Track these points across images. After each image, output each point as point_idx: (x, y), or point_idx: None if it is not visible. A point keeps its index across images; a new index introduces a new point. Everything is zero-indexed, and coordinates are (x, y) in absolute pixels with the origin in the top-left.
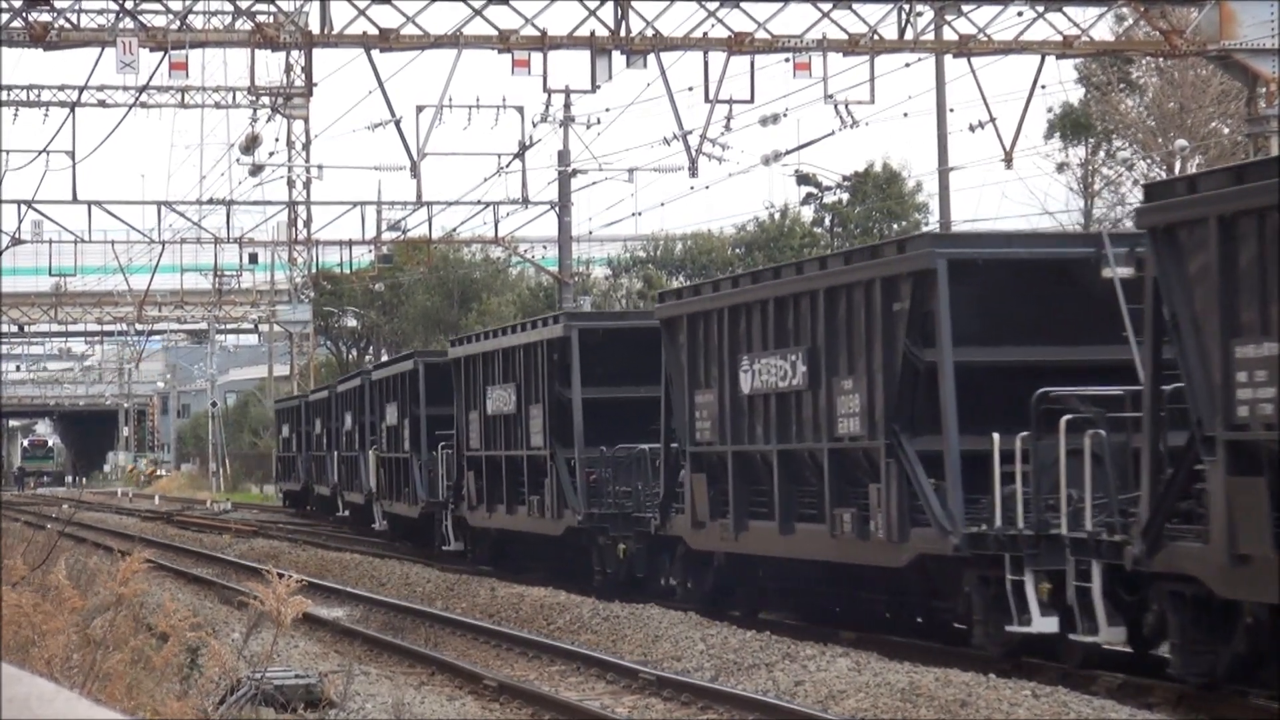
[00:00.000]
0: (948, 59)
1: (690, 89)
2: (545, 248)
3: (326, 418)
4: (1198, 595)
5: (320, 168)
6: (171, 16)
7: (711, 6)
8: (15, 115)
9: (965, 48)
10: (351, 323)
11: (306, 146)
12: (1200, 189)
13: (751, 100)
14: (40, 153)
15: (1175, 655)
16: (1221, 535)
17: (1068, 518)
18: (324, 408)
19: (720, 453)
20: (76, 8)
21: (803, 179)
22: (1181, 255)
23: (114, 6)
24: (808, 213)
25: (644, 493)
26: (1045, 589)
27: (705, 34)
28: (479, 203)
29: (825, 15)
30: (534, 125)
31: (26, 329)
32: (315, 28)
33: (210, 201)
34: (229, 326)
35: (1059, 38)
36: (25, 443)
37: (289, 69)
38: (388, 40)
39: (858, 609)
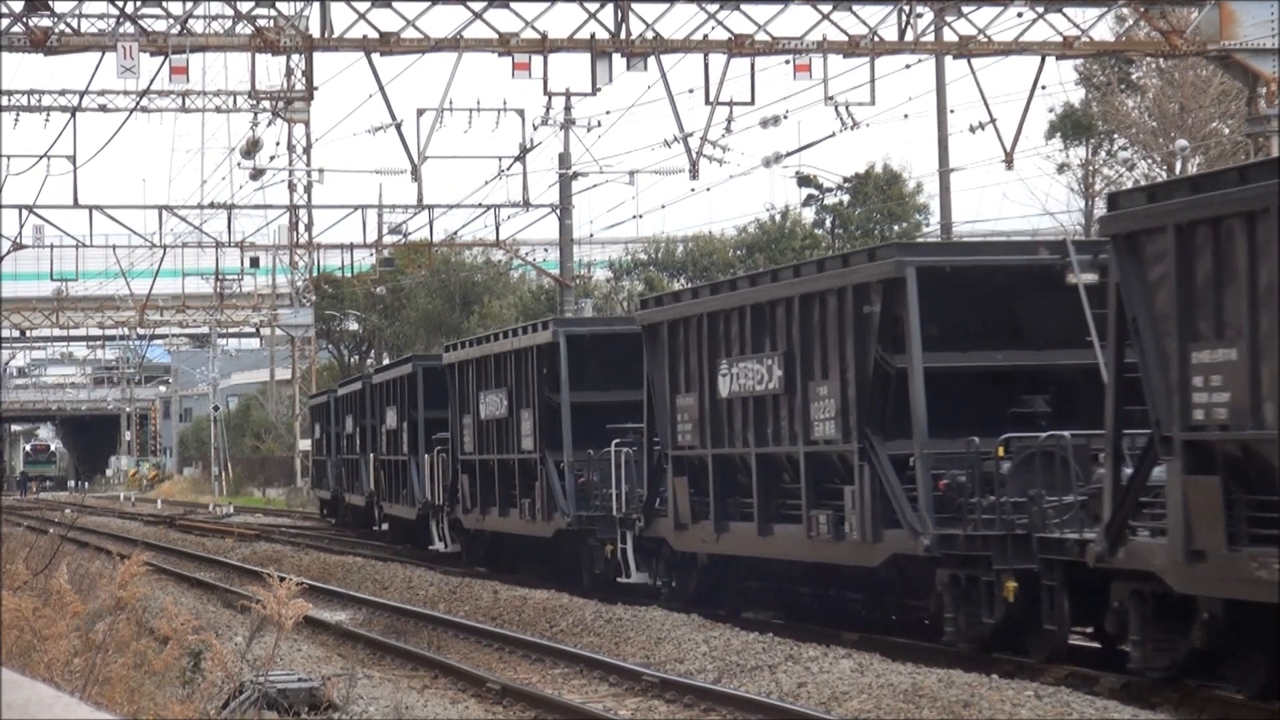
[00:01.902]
0: (948, 60)
1: (691, 91)
2: (546, 250)
3: (360, 414)
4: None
5: (321, 171)
6: (172, 21)
7: (711, 9)
8: (16, 120)
9: (965, 49)
10: (353, 326)
11: (307, 150)
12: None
13: (752, 102)
14: (41, 157)
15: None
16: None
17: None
18: (356, 402)
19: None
20: (77, 13)
21: (803, 180)
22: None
23: (114, 11)
24: (809, 214)
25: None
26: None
27: (705, 36)
28: (480, 206)
29: (825, 17)
30: (535, 128)
31: (28, 333)
32: (315, 31)
33: (211, 206)
34: (230, 330)
35: (1059, 38)
36: (27, 448)
37: (289, 73)
38: (388, 44)
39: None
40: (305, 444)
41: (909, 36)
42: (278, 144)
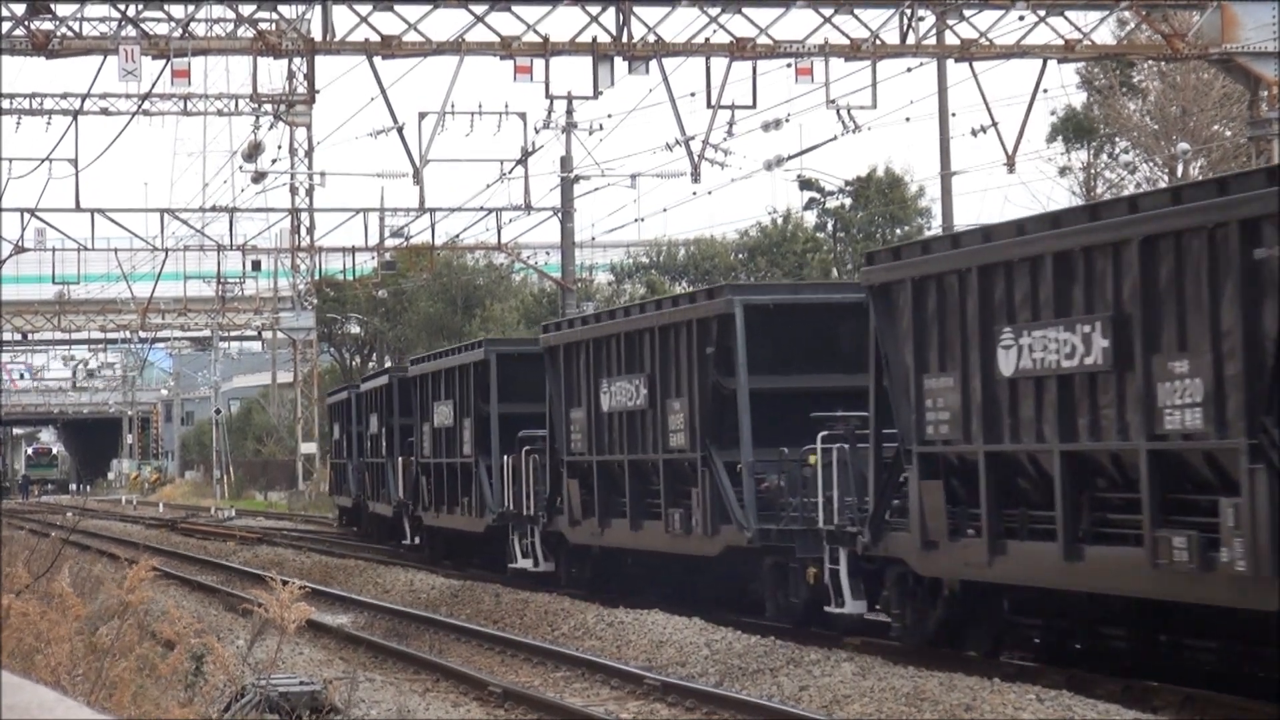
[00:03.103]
0: (950, 63)
1: (692, 94)
2: (548, 254)
3: (388, 411)
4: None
5: (323, 174)
6: (174, 24)
7: (713, 12)
8: (18, 123)
9: (967, 52)
10: (355, 329)
11: (309, 153)
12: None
13: (753, 105)
14: (43, 161)
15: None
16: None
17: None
18: (382, 399)
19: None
20: (79, 16)
21: (805, 184)
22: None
23: (116, 14)
24: (810, 218)
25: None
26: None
27: (707, 40)
28: (482, 209)
29: (827, 20)
30: (536, 131)
31: (30, 337)
32: (317, 35)
33: (213, 209)
34: (232, 334)
35: (1061, 42)
36: (29, 451)
37: (291, 76)
38: (390, 47)
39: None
40: (307, 447)
41: (911, 40)
42: (279, 147)
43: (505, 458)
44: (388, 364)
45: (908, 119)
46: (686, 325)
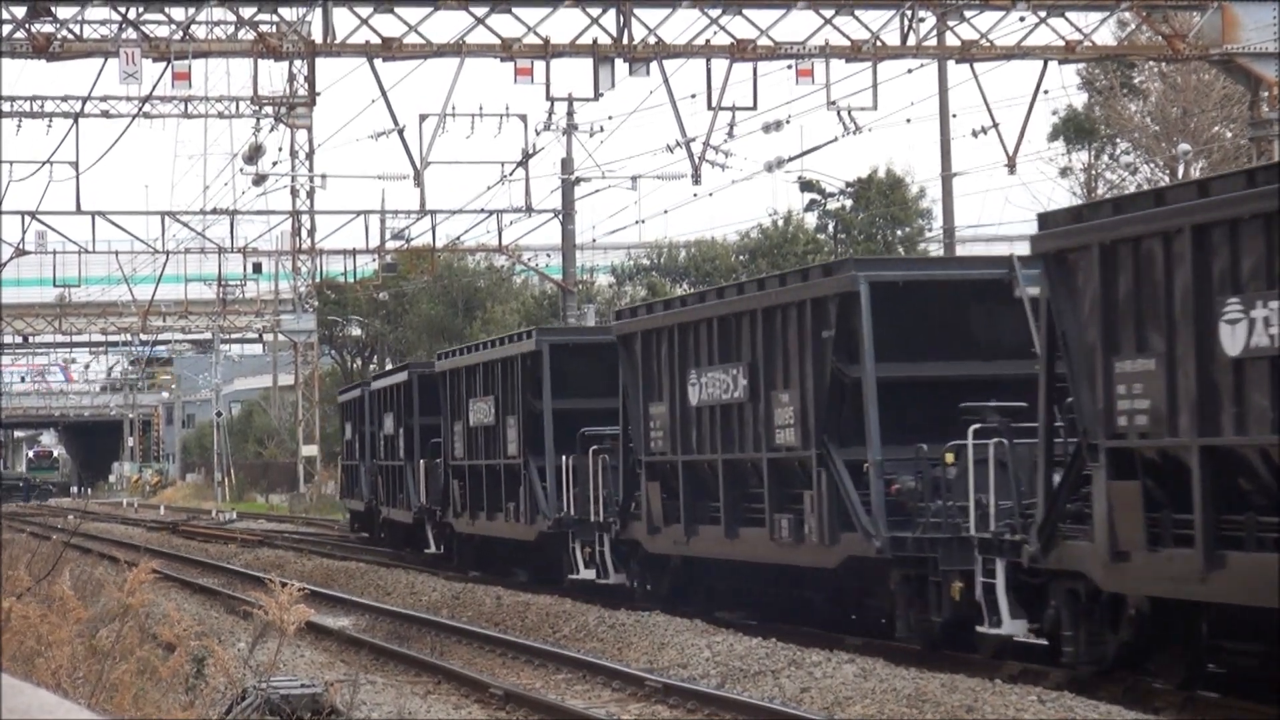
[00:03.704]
0: (950, 64)
1: (693, 96)
2: (549, 256)
3: (406, 410)
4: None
5: (324, 177)
6: (174, 27)
7: (714, 14)
8: (19, 126)
9: (968, 53)
10: (356, 332)
11: (310, 156)
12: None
13: (754, 107)
14: (44, 163)
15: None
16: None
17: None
18: (400, 397)
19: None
20: (79, 18)
21: (806, 185)
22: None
23: (116, 17)
24: (811, 219)
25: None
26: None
27: (708, 41)
28: (482, 211)
29: (828, 22)
30: (537, 133)
31: (31, 339)
32: (318, 37)
33: (214, 211)
34: (233, 336)
35: (1061, 43)
36: (30, 453)
37: (292, 78)
38: (390, 49)
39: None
40: (308, 450)
41: (911, 41)
42: (280, 149)
43: (564, 458)
44: (389, 366)
45: (908, 120)
46: (797, 306)
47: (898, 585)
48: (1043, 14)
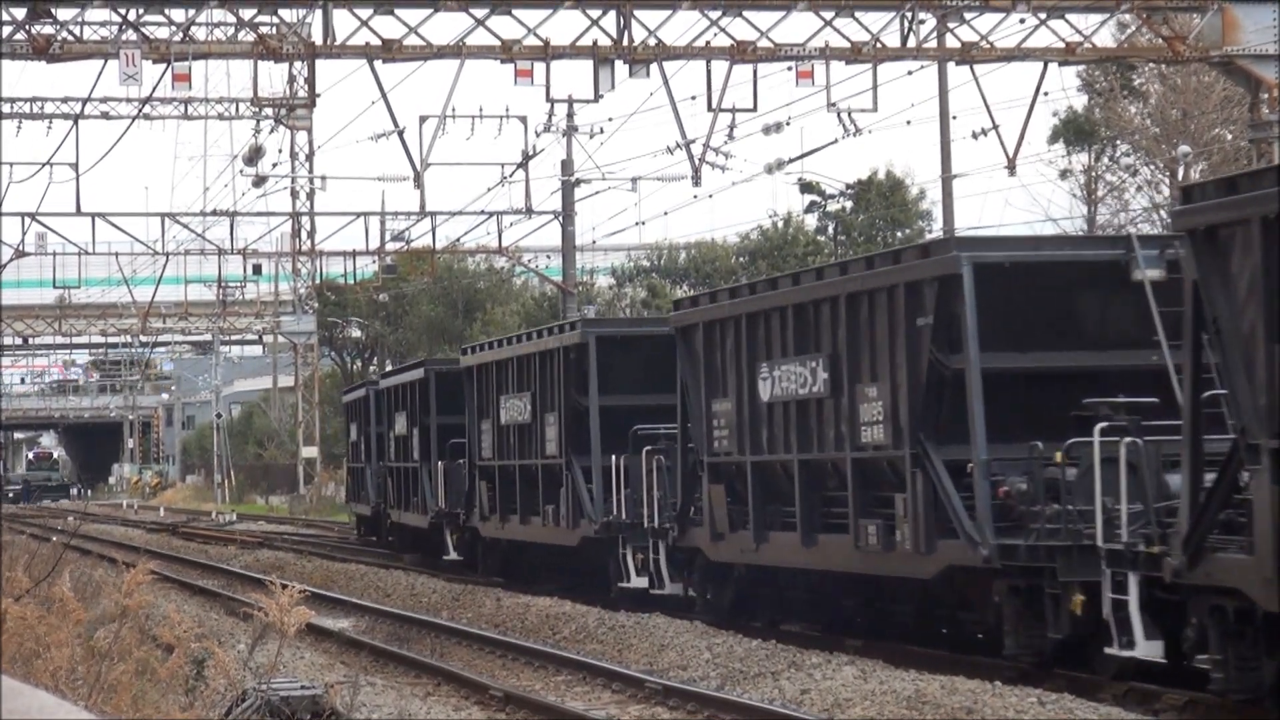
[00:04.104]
0: (950, 66)
1: (693, 98)
2: (549, 257)
3: (421, 409)
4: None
5: (324, 178)
6: (174, 28)
7: (714, 15)
8: (19, 128)
9: (968, 55)
10: (356, 333)
11: (310, 157)
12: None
13: (754, 109)
14: (44, 165)
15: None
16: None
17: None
18: (414, 395)
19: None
20: (79, 20)
21: (806, 187)
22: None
23: (116, 18)
24: (811, 221)
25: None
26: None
27: (708, 43)
28: (482, 213)
29: (828, 23)
30: (537, 135)
31: (30, 341)
32: (318, 38)
33: (214, 213)
34: (233, 338)
35: (1061, 45)
36: (30, 455)
37: (292, 80)
38: (390, 51)
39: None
40: (308, 451)
41: (911, 43)
42: (280, 151)
43: (615, 458)
44: (389, 367)
45: (908, 122)
46: (887, 292)
47: (1004, 597)
48: (1043, 16)
